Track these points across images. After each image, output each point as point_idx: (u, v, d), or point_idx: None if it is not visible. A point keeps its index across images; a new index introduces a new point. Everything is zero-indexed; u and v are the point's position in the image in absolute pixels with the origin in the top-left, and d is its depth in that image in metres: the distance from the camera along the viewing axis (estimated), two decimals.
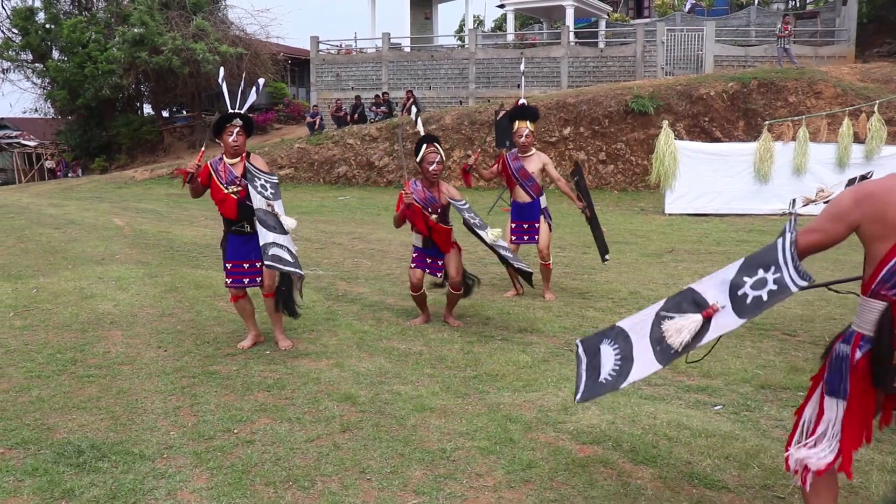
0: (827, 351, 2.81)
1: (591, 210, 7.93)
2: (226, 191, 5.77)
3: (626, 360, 2.94)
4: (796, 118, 16.84)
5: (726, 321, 2.73)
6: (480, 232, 6.55)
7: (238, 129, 5.80)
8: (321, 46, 31.12)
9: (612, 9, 35.80)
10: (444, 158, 6.75)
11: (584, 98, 21.39)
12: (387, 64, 29.14)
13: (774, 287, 2.64)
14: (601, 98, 21.16)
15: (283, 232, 5.55)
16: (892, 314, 2.53)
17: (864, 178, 5.13)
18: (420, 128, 6.83)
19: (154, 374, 5.34)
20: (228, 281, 5.97)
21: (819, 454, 2.69)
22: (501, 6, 35.10)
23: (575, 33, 29.17)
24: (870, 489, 3.59)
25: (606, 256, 8.06)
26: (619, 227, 13.95)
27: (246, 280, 5.95)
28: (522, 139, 7.68)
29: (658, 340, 2.86)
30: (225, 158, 5.87)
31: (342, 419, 4.46)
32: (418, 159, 6.55)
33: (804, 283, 2.60)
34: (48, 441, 4.14)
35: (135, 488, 3.59)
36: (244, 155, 5.87)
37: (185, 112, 35.94)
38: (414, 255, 6.76)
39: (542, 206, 7.82)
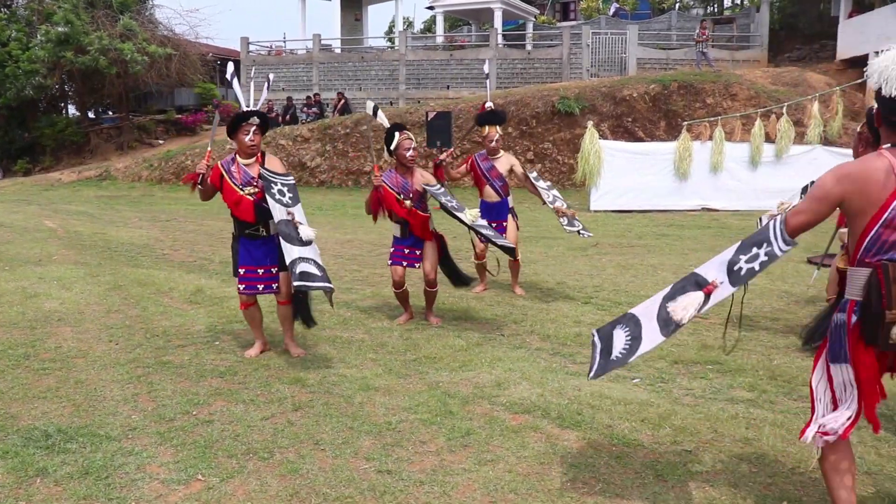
0: (810, 333, 3.20)
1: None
2: (241, 192, 5.54)
3: (635, 340, 3.27)
4: (713, 119, 17.72)
5: (722, 292, 3.11)
6: (459, 214, 6.54)
7: (255, 127, 5.52)
8: (251, 47, 31.16)
9: (539, 12, 36.57)
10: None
11: (513, 99, 21.99)
12: (318, 65, 29.35)
13: (765, 258, 3.04)
14: (529, 99, 21.78)
15: (307, 243, 5.31)
16: (879, 277, 2.79)
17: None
18: (383, 120, 6.80)
19: (108, 365, 5.59)
20: (241, 287, 5.71)
21: (839, 418, 2.95)
22: (431, 8, 35.56)
23: (503, 35, 29.86)
24: (761, 441, 4.15)
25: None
26: (547, 223, 14.50)
27: (260, 286, 5.70)
28: (493, 143, 7.87)
29: (665, 320, 3.20)
30: (238, 158, 5.62)
31: (293, 399, 4.82)
32: (393, 147, 6.58)
33: (788, 247, 2.99)
34: (14, 428, 4.36)
35: (105, 465, 3.87)
36: (259, 155, 5.66)
37: (111, 113, 35.42)
38: (392, 249, 6.81)
39: (510, 206, 8.03)
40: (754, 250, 3.08)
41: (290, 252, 5.15)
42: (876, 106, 2.95)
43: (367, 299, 7.83)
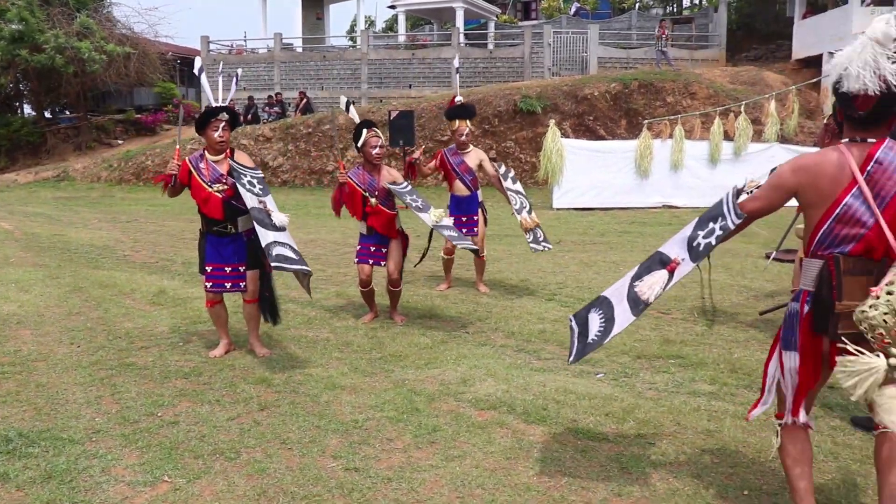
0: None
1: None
2: (209, 189, 5.49)
3: (608, 321, 3.39)
4: (673, 117, 17.95)
5: (684, 268, 3.23)
6: (422, 215, 6.50)
7: (224, 123, 5.48)
8: (212, 46, 30.87)
9: (500, 11, 36.72)
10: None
11: (475, 98, 22.01)
12: (279, 64, 29.17)
13: (720, 232, 3.17)
14: (491, 98, 21.85)
15: (281, 228, 5.33)
16: (830, 269, 2.89)
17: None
18: (354, 116, 6.84)
19: (70, 367, 5.52)
20: (209, 285, 5.67)
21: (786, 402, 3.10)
22: (392, 7, 35.50)
23: (465, 35, 29.93)
24: (722, 432, 4.23)
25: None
26: (510, 221, 14.57)
27: (228, 284, 5.66)
28: (463, 137, 7.84)
29: (634, 300, 3.32)
30: (207, 155, 5.57)
31: (259, 399, 4.81)
32: (360, 144, 6.59)
33: (740, 220, 3.12)
34: None
35: (69, 468, 3.83)
36: (228, 151, 5.61)
37: (69, 113, 34.83)
38: (358, 247, 6.79)
39: (480, 200, 8.06)
40: (710, 225, 3.22)
41: (265, 236, 5.11)
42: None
43: (331, 298, 7.82)
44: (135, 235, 13.26)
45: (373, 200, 6.58)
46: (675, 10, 38.07)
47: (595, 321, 3.46)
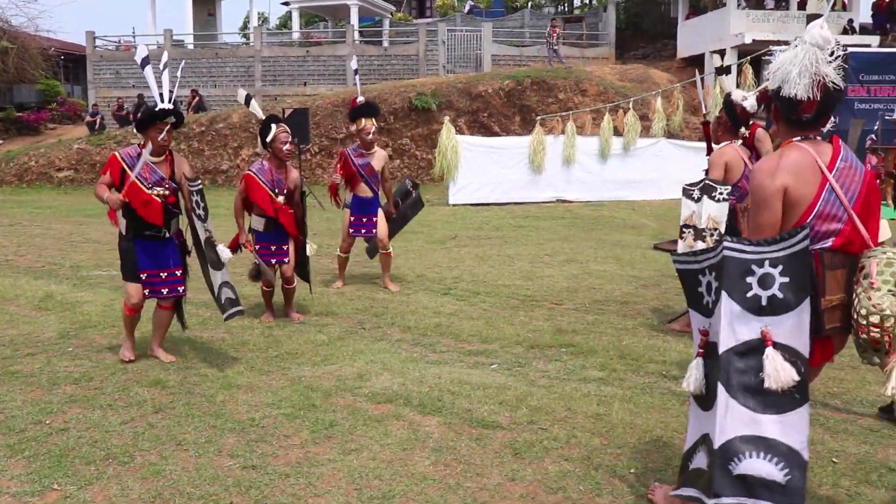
0: None
1: (399, 218, 8.40)
2: (149, 192, 5.18)
3: (771, 449, 2.72)
4: (565, 114, 18.40)
5: (787, 323, 2.75)
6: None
7: (169, 126, 5.21)
8: (98, 42, 29.79)
9: (395, 9, 36.77)
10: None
11: (370, 95, 21.87)
12: (170, 61, 28.36)
13: (780, 267, 2.75)
14: (386, 95, 21.88)
15: (223, 265, 5.23)
16: (816, 265, 2.89)
17: (707, 184, 5.99)
18: (257, 110, 6.68)
19: None
20: (146, 293, 5.38)
21: None
22: (286, 3, 35.11)
23: (360, 32, 29.85)
24: (611, 415, 4.43)
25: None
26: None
27: (164, 290, 5.41)
28: (370, 136, 7.68)
29: (774, 401, 2.74)
30: (145, 154, 5.21)
31: (153, 402, 4.73)
32: (269, 139, 6.40)
33: (798, 239, 2.74)
34: None
35: None
36: (168, 153, 5.36)
37: None
38: (257, 246, 6.61)
39: (381, 203, 8.01)
40: (750, 280, 2.79)
41: (215, 279, 5.06)
42: (773, 103, 3.02)
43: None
44: (18, 239, 12.70)
45: (280, 199, 6.43)
46: (566, 9, 38.91)
47: (756, 464, 2.72)
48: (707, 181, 5.83)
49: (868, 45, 22.45)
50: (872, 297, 2.81)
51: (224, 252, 5.24)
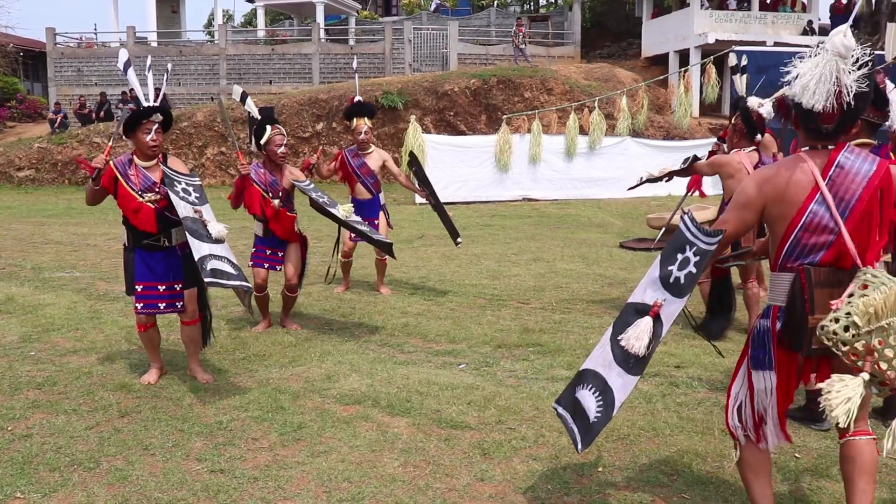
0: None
1: (435, 197, 8.08)
2: (140, 199, 4.86)
3: (604, 393, 3.02)
4: (531, 112, 18.50)
5: (672, 308, 2.93)
6: (332, 210, 6.13)
7: (157, 125, 4.90)
8: (59, 39, 29.30)
9: (361, 7, 36.64)
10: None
11: (336, 94, 21.96)
12: (133, 59, 28.00)
13: (697, 258, 2.90)
14: (352, 94, 21.78)
15: (219, 240, 4.74)
16: (801, 282, 2.76)
17: (696, 158, 6.11)
18: (252, 109, 6.43)
19: None
20: (139, 306, 5.01)
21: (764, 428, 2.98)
22: (251, 1, 34.82)
23: (325, 30, 29.71)
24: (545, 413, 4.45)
25: (458, 239, 8.11)
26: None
27: (162, 305, 5.03)
28: (362, 136, 7.56)
29: (624, 358, 2.98)
30: (137, 160, 4.94)
31: (119, 406, 4.68)
32: (263, 141, 6.17)
33: (712, 239, 2.88)
34: None
35: None
36: (160, 157, 5.01)
37: None
38: (253, 249, 6.41)
39: (382, 203, 7.83)
40: (679, 256, 2.97)
41: (199, 248, 4.55)
42: (794, 112, 2.93)
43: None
44: None
45: (275, 202, 6.17)
46: (532, 8, 39.01)
47: (588, 398, 3.09)
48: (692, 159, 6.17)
49: None
50: (826, 318, 2.69)
51: (216, 228, 4.71)
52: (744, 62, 6.21)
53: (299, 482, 3.67)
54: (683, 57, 24.61)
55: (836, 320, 2.64)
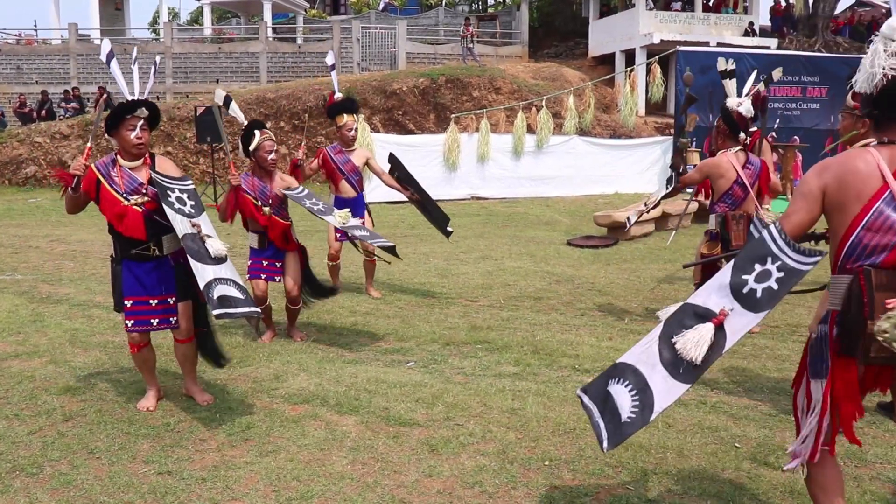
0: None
1: (421, 193, 7.88)
2: (125, 202, 4.42)
3: (643, 393, 2.79)
4: (479, 111, 18.62)
5: (741, 321, 2.72)
6: (327, 217, 6.03)
7: (142, 121, 4.47)
8: None
9: (309, 5, 36.44)
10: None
11: (284, 93, 21.82)
12: (75, 57, 27.49)
13: (781, 274, 2.67)
14: (300, 93, 21.70)
15: (222, 260, 4.32)
16: (860, 284, 2.59)
17: (678, 173, 6.24)
18: (238, 113, 6.14)
19: None
20: (130, 323, 4.55)
21: (803, 442, 2.81)
22: None
23: (273, 29, 29.50)
24: (525, 409, 4.55)
25: (448, 228, 7.93)
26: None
27: (154, 321, 4.58)
28: (352, 132, 7.41)
29: (674, 362, 2.76)
30: (121, 160, 4.50)
31: (64, 410, 4.61)
32: (252, 148, 5.87)
33: (812, 260, 2.64)
34: None
35: None
36: (147, 156, 4.58)
37: None
38: (249, 261, 6.15)
39: (366, 201, 7.69)
40: (758, 267, 2.73)
41: (203, 273, 4.15)
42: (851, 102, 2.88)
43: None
44: None
45: (266, 210, 5.90)
46: (480, 7, 39.20)
47: (622, 394, 2.84)
48: (675, 177, 6.32)
49: (767, 48, 23.33)
50: (882, 318, 2.55)
51: (215, 245, 4.30)
52: (731, 66, 6.23)
53: (248, 482, 3.67)
54: (629, 56, 24.96)
55: (890, 317, 2.52)
